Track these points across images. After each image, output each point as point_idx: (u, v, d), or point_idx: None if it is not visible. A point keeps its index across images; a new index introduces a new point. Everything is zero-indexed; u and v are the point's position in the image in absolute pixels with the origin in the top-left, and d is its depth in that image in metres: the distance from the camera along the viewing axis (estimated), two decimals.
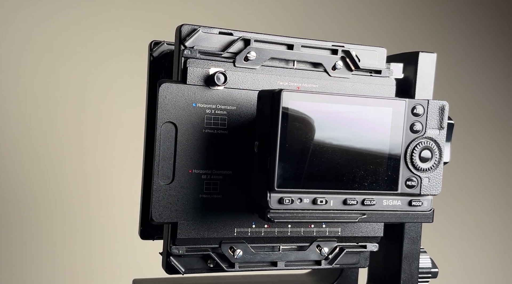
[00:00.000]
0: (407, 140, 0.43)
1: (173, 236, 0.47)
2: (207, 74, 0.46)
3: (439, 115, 0.44)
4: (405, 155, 0.43)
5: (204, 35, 0.47)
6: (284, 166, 0.40)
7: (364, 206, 0.43)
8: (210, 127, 0.46)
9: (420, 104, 0.43)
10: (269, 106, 0.41)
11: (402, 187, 0.44)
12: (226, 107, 0.47)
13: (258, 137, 0.43)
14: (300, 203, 0.41)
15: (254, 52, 0.47)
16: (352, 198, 0.42)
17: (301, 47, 0.49)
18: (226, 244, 0.48)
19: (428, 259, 0.58)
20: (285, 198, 0.41)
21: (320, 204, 0.42)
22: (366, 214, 0.43)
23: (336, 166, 0.41)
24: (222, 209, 0.47)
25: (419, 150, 0.43)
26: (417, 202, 0.44)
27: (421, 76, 0.54)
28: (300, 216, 0.42)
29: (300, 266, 0.52)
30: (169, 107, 0.45)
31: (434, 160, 0.44)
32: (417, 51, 0.55)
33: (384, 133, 0.43)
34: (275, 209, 0.41)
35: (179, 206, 0.46)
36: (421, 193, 0.44)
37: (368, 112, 0.42)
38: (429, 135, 0.44)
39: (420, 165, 0.44)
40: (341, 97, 0.41)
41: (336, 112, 0.41)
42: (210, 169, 0.47)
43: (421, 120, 0.43)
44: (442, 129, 0.44)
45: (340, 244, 0.52)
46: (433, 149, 0.44)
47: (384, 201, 0.44)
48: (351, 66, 0.50)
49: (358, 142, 0.42)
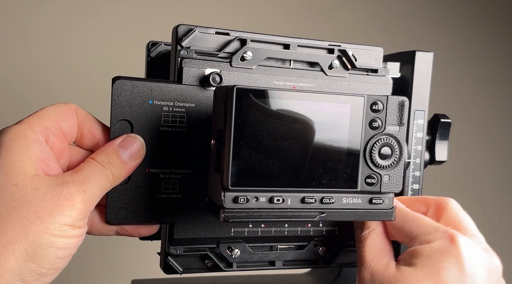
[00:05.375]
0: (366, 137, 0.42)
1: (170, 236, 0.46)
2: (203, 74, 0.46)
3: (398, 112, 0.43)
4: (364, 151, 0.42)
5: (201, 35, 0.46)
6: (239, 164, 0.39)
7: (323, 204, 0.42)
8: (168, 125, 0.45)
9: (379, 100, 0.42)
10: (223, 103, 0.40)
11: (362, 185, 0.43)
12: (184, 104, 0.46)
13: (214, 135, 0.43)
14: (256, 201, 0.40)
15: (251, 52, 0.47)
16: (310, 196, 0.41)
17: (297, 47, 0.49)
18: (224, 244, 0.48)
19: None
20: (240, 197, 0.40)
21: (277, 202, 0.41)
22: (325, 212, 0.42)
23: (293, 163, 0.41)
24: (181, 209, 0.46)
25: (378, 147, 0.43)
26: (378, 200, 0.43)
27: (418, 75, 0.54)
28: (257, 215, 0.41)
29: (298, 266, 0.51)
30: (124, 104, 0.44)
31: (394, 157, 0.43)
32: (414, 50, 0.55)
33: (342, 130, 0.42)
34: (229, 208, 0.40)
35: (135, 207, 0.45)
36: (381, 191, 0.43)
37: (326, 109, 0.41)
38: (389, 132, 0.43)
39: (379, 162, 0.43)
40: (298, 94, 0.41)
41: (293, 109, 0.40)
42: (169, 168, 0.46)
43: (380, 117, 0.43)
44: (402, 125, 0.43)
45: (338, 243, 0.52)
46: (393, 145, 0.43)
47: (344, 199, 0.43)
48: (347, 65, 0.50)
49: (316, 139, 0.41)
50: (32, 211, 0.36)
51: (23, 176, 0.37)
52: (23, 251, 0.35)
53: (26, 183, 0.37)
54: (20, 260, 0.35)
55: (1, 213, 0.36)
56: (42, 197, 0.37)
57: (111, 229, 0.46)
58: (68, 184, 0.38)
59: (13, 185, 0.37)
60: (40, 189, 0.37)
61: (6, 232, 0.35)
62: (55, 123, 0.41)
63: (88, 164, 0.41)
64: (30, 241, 0.36)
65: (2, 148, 0.38)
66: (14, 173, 0.37)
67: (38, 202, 0.36)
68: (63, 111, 0.42)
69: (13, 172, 0.37)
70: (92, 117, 0.44)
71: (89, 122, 0.44)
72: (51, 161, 0.40)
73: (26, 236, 0.36)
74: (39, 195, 0.37)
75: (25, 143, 0.38)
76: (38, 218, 0.36)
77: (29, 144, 0.39)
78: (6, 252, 0.35)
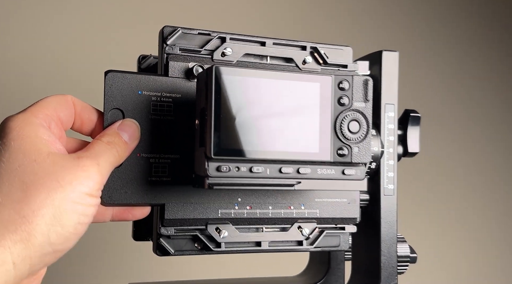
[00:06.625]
0: (335, 113, 0.47)
1: (161, 217, 0.50)
2: (187, 67, 0.51)
3: (363, 89, 0.48)
4: (334, 125, 0.47)
5: (184, 35, 0.52)
6: (220, 135, 0.43)
7: (299, 174, 0.46)
8: (156, 113, 0.50)
9: (346, 79, 0.47)
10: (204, 82, 0.44)
11: (334, 156, 0.47)
12: (171, 95, 0.50)
13: (197, 115, 0.47)
14: (238, 171, 0.44)
15: (230, 48, 0.52)
16: (287, 166, 0.45)
17: (272, 45, 0.54)
18: (212, 225, 0.51)
19: (406, 246, 0.61)
20: (222, 166, 0.44)
21: (256, 172, 0.45)
22: (301, 182, 0.46)
23: (270, 136, 0.45)
24: (171, 191, 0.50)
25: (347, 121, 0.47)
26: (350, 170, 0.47)
27: (385, 72, 0.60)
28: (238, 183, 0.44)
29: (283, 246, 0.54)
30: (115, 94, 0.48)
31: (362, 130, 0.47)
32: (381, 50, 0.60)
33: (314, 106, 0.46)
34: (213, 176, 0.44)
35: (128, 189, 0.49)
36: (352, 161, 0.47)
37: (298, 87, 0.46)
38: (356, 107, 0.47)
39: (349, 135, 0.47)
40: (271, 72, 0.45)
41: (267, 86, 0.45)
42: (158, 153, 0.50)
43: (347, 94, 0.47)
44: (367, 102, 0.48)
45: (320, 226, 0.55)
46: (360, 120, 0.48)
47: (319, 170, 0.47)
48: (319, 60, 0.56)
49: (290, 114, 0.45)
50: (55, 181, 0.40)
51: (39, 153, 0.41)
52: (52, 215, 0.39)
53: (43, 159, 0.41)
54: (49, 224, 0.39)
55: (27, 184, 0.39)
56: (61, 169, 0.41)
57: (107, 215, 0.50)
58: (82, 158, 0.42)
59: (33, 161, 0.40)
60: (58, 163, 0.41)
61: (35, 199, 0.39)
62: (54, 112, 0.45)
63: (96, 143, 0.45)
64: (56, 207, 0.39)
65: (13, 133, 0.42)
66: (31, 151, 0.41)
67: (58, 173, 0.40)
68: (61, 101, 0.46)
69: (30, 151, 0.41)
70: (88, 105, 0.49)
71: (87, 110, 0.48)
72: (57, 143, 0.44)
73: (53, 202, 0.39)
74: (58, 168, 0.41)
75: (33, 127, 0.43)
76: (60, 186, 0.40)
77: (36, 128, 0.43)
78: (37, 216, 0.39)
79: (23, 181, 0.39)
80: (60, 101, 0.46)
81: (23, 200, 0.39)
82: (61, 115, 0.46)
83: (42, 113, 0.44)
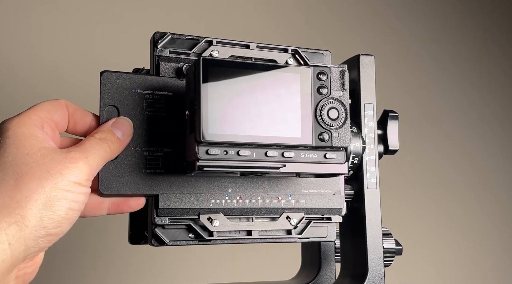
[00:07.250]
0: (315, 101, 0.51)
1: (156, 207, 0.53)
2: (177, 67, 0.55)
3: (340, 79, 0.52)
4: (315, 112, 0.50)
5: (173, 40, 0.56)
6: (209, 121, 0.47)
7: (284, 157, 0.49)
8: (149, 110, 0.53)
9: (324, 71, 0.51)
10: (193, 74, 0.48)
11: (316, 141, 0.50)
12: (162, 93, 0.54)
13: (187, 106, 0.50)
14: (226, 154, 0.47)
15: (217, 50, 0.56)
16: (272, 150, 0.49)
17: (256, 47, 0.58)
18: (204, 215, 0.54)
19: (392, 239, 0.64)
20: (211, 149, 0.47)
21: (243, 155, 0.48)
22: (286, 165, 0.49)
23: (255, 122, 0.48)
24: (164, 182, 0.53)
25: (326, 108, 0.51)
26: (331, 154, 0.51)
27: (363, 74, 0.64)
28: (226, 166, 0.48)
29: (273, 236, 0.57)
30: (110, 92, 0.52)
31: (341, 116, 0.51)
32: (358, 54, 0.65)
33: (295, 95, 0.50)
34: (203, 159, 0.47)
35: (124, 180, 0.52)
36: (333, 145, 0.51)
37: (280, 78, 0.50)
38: (334, 96, 0.51)
39: (329, 121, 0.51)
40: (255, 64, 0.49)
41: (252, 76, 0.49)
42: (152, 147, 0.53)
43: (325, 84, 0.51)
44: (344, 90, 0.52)
45: (307, 216, 0.58)
46: (339, 107, 0.51)
47: (302, 154, 0.50)
48: (301, 62, 0.60)
49: (273, 101, 0.49)
50: (45, 171, 0.44)
51: (32, 147, 0.45)
52: (43, 200, 0.43)
53: (35, 152, 0.45)
54: (41, 209, 0.42)
55: (19, 174, 0.43)
56: (51, 161, 0.44)
57: (103, 208, 0.53)
58: (71, 152, 0.46)
59: (25, 154, 0.44)
60: (49, 156, 0.45)
61: (27, 187, 0.43)
62: (48, 114, 0.49)
63: (88, 139, 0.49)
64: (47, 193, 0.43)
65: (8, 132, 0.46)
66: (24, 146, 0.45)
67: (48, 164, 0.44)
68: (54, 105, 0.50)
69: (24, 146, 0.45)
70: (80, 108, 0.52)
71: (79, 112, 0.52)
72: (49, 140, 0.47)
73: (44, 189, 0.43)
74: (48, 159, 0.44)
75: (27, 127, 0.46)
76: (50, 175, 0.43)
77: (30, 127, 0.46)
78: (30, 201, 0.42)
79: (16, 171, 0.43)
80: (53, 104, 0.50)
81: (16, 187, 0.42)
82: (54, 117, 0.50)
83: (36, 115, 0.48)
